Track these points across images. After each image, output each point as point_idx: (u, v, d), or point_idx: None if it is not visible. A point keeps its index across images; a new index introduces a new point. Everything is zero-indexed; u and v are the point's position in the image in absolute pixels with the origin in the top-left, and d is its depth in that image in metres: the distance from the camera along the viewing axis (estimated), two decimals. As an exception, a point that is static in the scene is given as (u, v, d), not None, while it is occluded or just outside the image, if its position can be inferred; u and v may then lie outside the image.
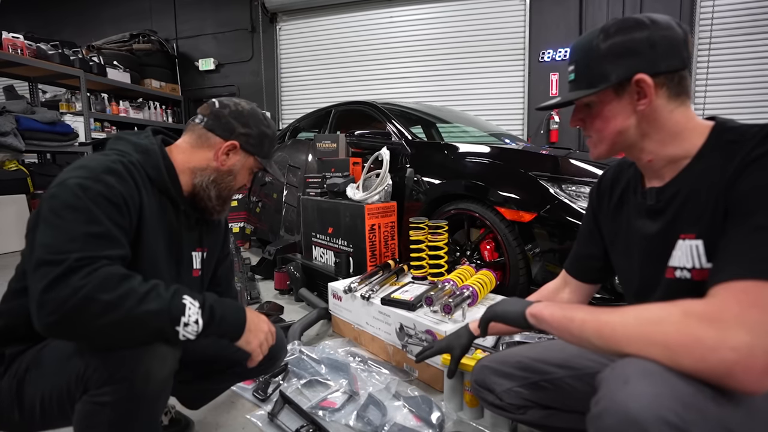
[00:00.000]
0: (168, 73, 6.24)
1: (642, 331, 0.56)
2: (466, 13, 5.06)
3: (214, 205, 0.98)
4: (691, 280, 0.65)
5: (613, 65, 0.68)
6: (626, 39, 0.67)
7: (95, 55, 5.15)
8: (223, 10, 6.14)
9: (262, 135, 0.98)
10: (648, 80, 0.66)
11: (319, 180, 2.53)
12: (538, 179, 1.81)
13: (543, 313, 0.71)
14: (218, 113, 0.95)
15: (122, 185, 0.78)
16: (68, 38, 5.07)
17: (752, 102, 4.22)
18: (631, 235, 0.78)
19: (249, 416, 1.28)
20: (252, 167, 1.01)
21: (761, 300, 0.51)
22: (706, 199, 0.64)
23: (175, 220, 0.94)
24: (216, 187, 0.96)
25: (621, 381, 0.53)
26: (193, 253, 1.03)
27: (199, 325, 0.74)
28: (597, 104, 0.72)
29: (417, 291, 1.66)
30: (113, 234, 0.74)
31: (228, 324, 0.81)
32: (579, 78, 0.73)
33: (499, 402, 0.94)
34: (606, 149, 0.75)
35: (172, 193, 0.91)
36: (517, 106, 4.98)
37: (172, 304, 0.72)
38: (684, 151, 0.69)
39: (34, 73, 4.31)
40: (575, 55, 0.74)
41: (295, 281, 2.38)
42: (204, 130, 0.95)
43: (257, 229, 3.68)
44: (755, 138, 0.61)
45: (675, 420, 0.48)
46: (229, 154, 0.96)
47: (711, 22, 4.23)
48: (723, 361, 0.49)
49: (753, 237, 0.55)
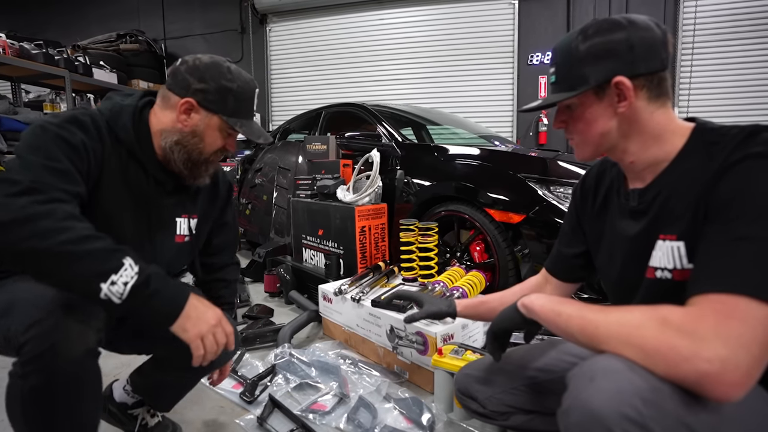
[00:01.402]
0: (156, 73, 6.15)
1: (621, 332, 0.57)
2: (456, 16, 5.10)
3: (181, 169, 0.92)
4: (672, 280, 0.66)
5: (592, 68, 0.68)
6: (604, 41, 0.68)
7: (81, 55, 5.05)
8: (212, 11, 6.09)
9: (223, 90, 0.89)
10: (627, 82, 0.67)
11: (309, 182, 2.52)
12: (526, 181, 1.83)
13: (534, 304, 0.73)
14: (175, 70, 0.90)
15: (84, 134, 0.78)
16: (53, 38, 4.98)
17: (736, 105, 4.31)
18: (614, 236, 0.79)
19: (238, 420, 1.26)
20: (221, 127, 0.92)
21: (738, 313, 0.52)
22: (686, 201, 0.64)
23: (145, 183, 0.90)
24: (182, 150, 0.90)
25: (587, 379, 0.56)
26: (178, 219, 0.99)
27: (126, 288, 0.66)
28: (578, 107, 0.73)
29: (407, 293, 1.67)
30: (71, 171, 0.73)
31: (161, 299, 0.71)
32: (560, 80, 0.74)
33: (483, 410, 0.94)
34: (590, 151, 0.75)
35: (140, 155, 0.88)
36: (506, 108, 5.02)
37: (108, 257, 0.67)
38: (665, 153, 0.69)
39: (17, 73, 4.22)
40: (556, 57, 0.75)
41: (286, 284, 2.36)
42: (166, 90, 0.91)
43: (247, 231, 3.65)
44: (735, 140, 0.61)
45: (634, 415, 0.50)
46: (189, 113, 0.89)
47: (694, 26, 4.32)
48: (696, 371, 0.51)
49: (732, 247, 0.55)
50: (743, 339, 0.50)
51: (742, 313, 0.51)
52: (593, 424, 0.52)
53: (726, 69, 4.30)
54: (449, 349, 1.32)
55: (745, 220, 0.55)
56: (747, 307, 0.51)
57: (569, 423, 0.55)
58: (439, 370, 1.30)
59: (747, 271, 0.53)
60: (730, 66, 4.29)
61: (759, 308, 0.51)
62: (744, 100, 4.28)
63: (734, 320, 0.51)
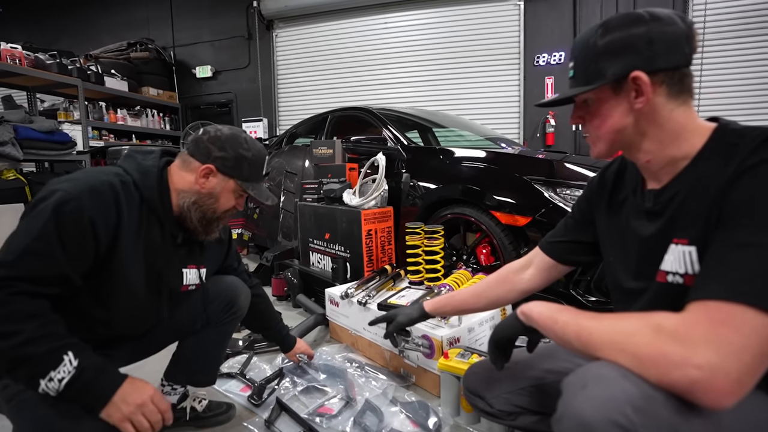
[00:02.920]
0: (165, 80, 6.25)
1: (615, 339, 0.57)
2: (461, 18, 5.10)
3: (196, 227, 1.02)
4: (684, 285, 0.64)
5: (610, 62, 0.66)
6: (624, 35, 0.65)
7: (93, 64, 5.16)
8: (219, 18, 6.18)
9: (240, 157, 1.01)
10: (644, 78, 0.64)
11: (315, 186, 2.53)
12: (533, 183, 1.82)
13: (532, 311, 0.73)
14: (198, 139, 1.01)
15: (95, 207, 0.83)
16: (66, 48, 5.10)
17: (747, 103, 4.24)
18: (628, 235, 0.77)
19: (246, 423, 1.28)
20: (235, 190, 1.03)
21: (732, 321, 0.51)
22: (701, 205, 0.62)
23: (159, 236, 0.99)
24: (198, 209, 1.00)
25: (579, 386, 0.56)
26: (184, 270, 1.08)
27: (61, 384, 0.75)
28: (595, 102, 0.71)
29: (413, 296, 1.67)
30: (58, 257, 0.79)
31: (89, 392, 0.79)
32: (577, 75, 0.72)
33: (490, 409, 0.94)
34: (605, 148, 0.73)
35: (160, 212, 0.97)
36: (512, 109, 5.00)
37: (49, 357, 0.75)
38: (683, 153, 0.67)
39: (33, 83, 4.32)
40: (575, 51, 0.73)
41: (293, 287, 2.38)
42: (186, 155, 1.01)
43: (255, 235, 3.68)
44: (753, 143, 0.59)
45: (624, 422, 0.50)
46: (208, 177, 1.00)
47: (704, 23, 4.26)
48: (686, 377, 0.50)
49: (734, 255, 0.54)
50: (735, 347, 0.49)
51: (737, 321, 0.50)
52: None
53: (736, 66, 4.24)
54: (455, 352, 1.31)
55: (751, 227, 0.54)
56: (743, 315, 0.50)
57: (561, 430, 0.56)
58: (446, 374, 1.30)
59: (746, 279, 0.52)
60: (741, 63, 4.22)
61: (755, 317, 0.50)
62: (755, 98, 4.21)
63: (728, 328, 0.50)
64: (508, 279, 1.02)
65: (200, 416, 1.27)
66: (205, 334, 1.19)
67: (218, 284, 1.20)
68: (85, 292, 0.87)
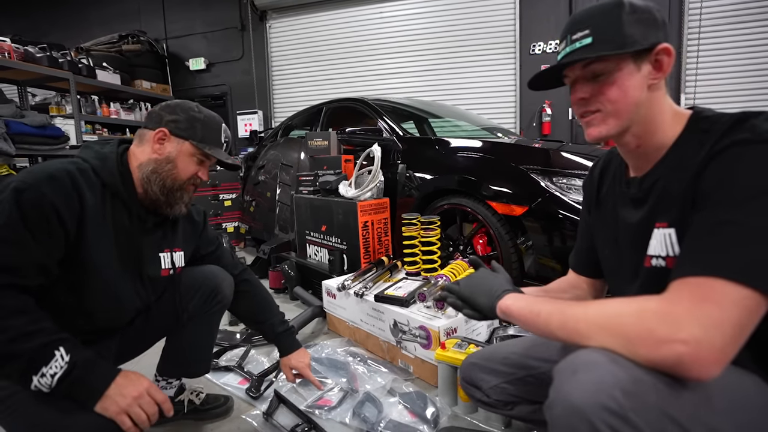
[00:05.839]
0: (158, 73, 6.17)
1: (601, 323, 0.58)
2: (457, 8, 5.04)
3: (159, 197, 0.99)
4: (666, 267, 0.66)
5: (642, 31, 0.66)
6: (649, 11, 0.67)
7: (84, 57, 5.09)
8: (212, 9, 6.08)
9: (192, 119, 1.00)
10: (672, 50, 0.66)
11: (311, 178, 2.52)
12: (529, 173, 1.81)
13: (511, 307, 0.74)
14: (150, 113, 1.02)
15: (55, 194, 0.82)
16: (56, 40, 5.01)
17: (743, 90, 4.23)
18: (617, 224, 0.78)
19: (244, 416, 1.28)
20: (192, 153, 1.01)
21: (713, 296, 0.52)
22: (678, 188, 0.64)
23: (128, 221, 0.97)
24: (158, 177, 0.98)
25: (570, 372, 0.56)
26: (161, 254, 1.08)
27: (54, 379, 0.75)
28: (614, 72, 0.67)
29: (410, 287, 1.67)
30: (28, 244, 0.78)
31: (81, 386, 0.78)
32: (600, 40, 0.67)
33: (487, 399, 0.95)
34: (617, 124, 0.69)
35: (124, 196, 0.96)
36: (508, 99, 4.97)
37: (40, 353, 0.75)
38: (666, 139, 0.69)
39: (23, 77, 4.26)
40: (591, 19, 0.68)
41: (290, 280, 2.38)
42: (141, 129, 1.02)
43: (252, 228, 3.67)
44: (723, 127, 0.61)
45: (614, 406, 0.51)
46: (163, 142, 0.99)
47: (700, 11, 4.23)
48: (673, 352, 0.52)
49: (712, 232, 0.56)
50: (717, 320, 0.51)
51: (717, 295, 0.52)
52: (574, 417, 0.53)
53: (733, 54, 4.22)
54: (452, 343, 1.32)
55: (726, 205, 0.56)
56: (722, 290, 0.52)
57: (552, 416, 0.56)
58: (443, 364, 1.30)
59: (723, 255, 0.54)
60: (738, 51, 4.20)
61: (734, 290, 0.52)
62: (751, 85, 4.19)
63: (709, 302, 0.52)
64: (567, 289, 0.96)
65: (198, 409, 1.27)
66: (192, 326, 1.18)
67: (198, 275, 1.17)
68: (60, 283, 0.86)
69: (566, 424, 0.54)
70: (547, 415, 0.58)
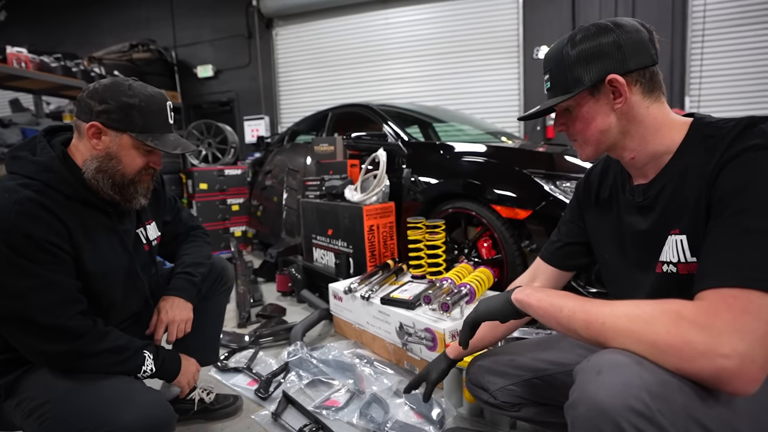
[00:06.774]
0: (167, 81, 6.29)
1: (631, 327, 0.56)
2: (460, 13, 5.08)
3: (113, 197, 0.92)
4: (677, 273, 0.67)
5: (585, 69, 0.71)
6: (594, 44, 0.70)
7: (96, 65, 5.20)
8: (219, 17, 6.19)
9: (125, 107, 0.87)
10: (620, 79, 0.69)
11: (317, 182, 2.55)
12: (533, 176, 1.83)
13: (530, 298, 0.71)
14: (80, 98, 0.89)
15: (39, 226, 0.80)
16: (70, 49, 5.13)
17: (748, 92, 4.20)
18: (623, 231, 0.79)
19: (253, 416, 1.30)
20: (135, 146, 0.91)
21: (751, 308, 0.51)
22: (688, 195, 0.65)
23: (107, 220, 0.96)
24: (104, 176, 0.90)
25: (594, 372, 0.55)
26: (138, 231, 1.08)
27: (152, 371, 1.00)
28: (576, 108, 0.74)
29: (416, 290, 1.69)
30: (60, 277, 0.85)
31: (167, 371, 1.06)
32: (555, 85, 0.76)
33: (494, 400, 0.95)
34: (592, 150, 0.76)
35: (92, 199, 0.90)
36: (512, 103, 4.99)
37: (137, 361, 0.96)
38: (665, 147, 0.70)
39: (38, 86, 4.35)
40: (548, 64, 0.77)
41: (297, 283, 2.41)
42: (76, 120, 0.90)
43: (259, 232, 3.72)
44: (732, 133, 0.61)
45: (642, 408, 0.50)
46: (100, 137, 0.88)
47: (704, 14, 4.22)
48: (713, 366, 0.51)
49: (741, 240, 0.55)
50: (758, 333, 0.50)
51: (755, 308, 0.51)
52: (600, 418, 0.52)
53: (737, 56, 4.20)
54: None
55: (751, 213, 0.55)
56: (759, 302, 0.51)
57: (576, 416, 0.55)
58: (448, 365, 1.31)
59: (757, 265, 0.53)
60: (741, 53, 4.18)
61: None
62: (755, 88, 4.17)
63: (749, 315, 0.51)
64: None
65: (208, 408, 1.30)
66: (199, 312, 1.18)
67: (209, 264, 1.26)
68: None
69: (591, 425, 0.53)
70: (569, 415, 0.57)
